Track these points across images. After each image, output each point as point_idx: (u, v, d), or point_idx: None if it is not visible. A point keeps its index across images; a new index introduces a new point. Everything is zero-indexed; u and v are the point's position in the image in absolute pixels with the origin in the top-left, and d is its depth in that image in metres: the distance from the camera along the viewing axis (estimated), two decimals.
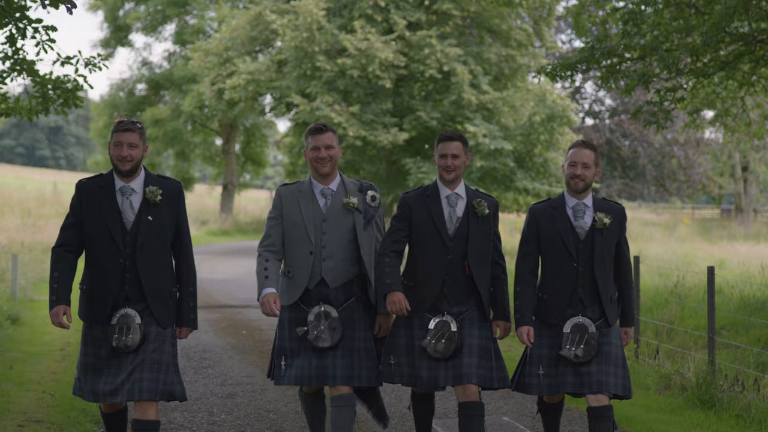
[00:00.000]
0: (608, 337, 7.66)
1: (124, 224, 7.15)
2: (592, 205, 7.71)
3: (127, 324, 7.06)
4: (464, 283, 7.66)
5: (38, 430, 9.24)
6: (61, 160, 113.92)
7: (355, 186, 7.83)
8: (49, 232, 29.99)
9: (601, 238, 7.61)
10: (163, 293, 7.23)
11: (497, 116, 34.69)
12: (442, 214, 7.68)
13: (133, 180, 7.21)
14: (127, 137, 7.14)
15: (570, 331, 7.57)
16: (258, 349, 14.32)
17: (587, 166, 7.64)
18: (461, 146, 7.72)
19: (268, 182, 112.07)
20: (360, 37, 33.62)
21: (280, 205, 7.74)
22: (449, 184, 7.74)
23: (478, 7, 35.15)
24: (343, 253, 7.66)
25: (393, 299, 7.54)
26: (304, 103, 34.23)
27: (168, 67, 52.73)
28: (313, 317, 7.57)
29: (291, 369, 7.64)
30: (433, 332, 7.56)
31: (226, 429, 9.49)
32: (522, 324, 7.66)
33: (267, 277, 7.60)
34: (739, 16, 14.73)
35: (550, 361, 7.66)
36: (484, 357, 7.62)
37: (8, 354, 13.01)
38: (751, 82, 17.49)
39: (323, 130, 7.72)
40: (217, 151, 54.90)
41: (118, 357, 7.13)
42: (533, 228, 7.74)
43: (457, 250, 7.64)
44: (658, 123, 16.60)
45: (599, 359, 7.58)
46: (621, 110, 54.32)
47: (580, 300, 7.62)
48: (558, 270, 7.65)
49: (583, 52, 16.81)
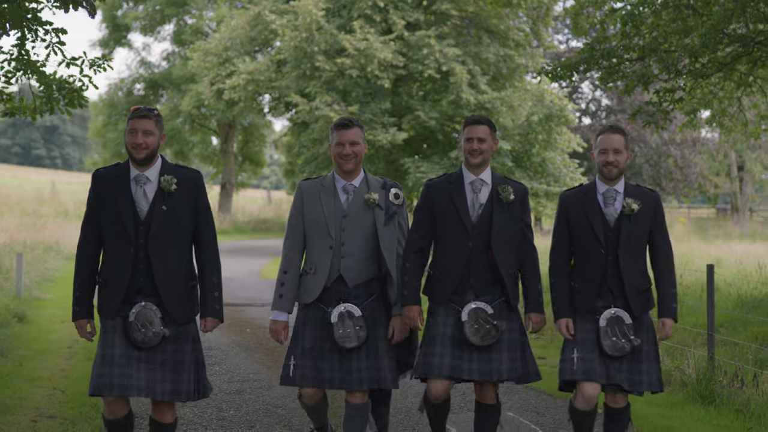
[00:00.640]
0: (636, 331, 7.41)
1: (137, 213, 6.95)
2: (624, 191, 7.45)
3: (148, 318, 6.89)
4: (489, 272, 7.37)
5: (52, 426, 9.41)
6: (57, 160, 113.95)
7: (378, 183, 7.56)
8: (50, 231, 30.14)
9: (629, 225, 7.35)
10: (177, 287, 7.02)
11: (495, 116, 34.87)
12: (465, 200, 7.40)
13: (148, 169, 7.00)
14: (142, 124, 6.94)
15: (606, 324, 7.33)
16: (263, 346, 14.51)
17: (618, 151, 7.40)
18: (488, 130, 7.46)
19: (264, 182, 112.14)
20: (359, 37, 33.80)
21: (301, 201, 7.51)
22: (474, 169, 7.44)
23: (476, 8, 35.35)
24: (363, 252, 7.40)
25: (407, 314, 7.40)
26: (304, 102, 34.40)
27: (166, 67, 52.87)
28: (337, 317, 7.30)
29: (303, 369, 7.39)
30: (471, 323, 7.29)
31: (236, 424, 9.67)
32: (560, 316, 7.48)
33: (281, 296, 7.49)
34: (737, 18, 14.90)
35: (584, 346, 7.38)
36: (512, 350, 7.41)
37: (17, 351, 13.18)
38: (748, 82, 17.66)
39: (349, 126, 7.48)
40: (215, 151, 55.06)
41: (139, 351, 6.95)
42: (563, 216, 7.53)
43: (480, 237, 7.35)
44: (657, 124, 16.82)
45: (629, 356, 7.39)
46: (618, 110, 54.51)
47: (609, 290, 7.39)
48: (587, 258, 7.41)
49: (583, 53, 16.99)
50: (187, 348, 7.10)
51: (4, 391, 10.62)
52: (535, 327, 7.61)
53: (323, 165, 36.36)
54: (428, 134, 36.10)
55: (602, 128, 7.56)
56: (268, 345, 14.60)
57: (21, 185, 53.12)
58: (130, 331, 6.89)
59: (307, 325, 7.46)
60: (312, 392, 7.48)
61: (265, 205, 65.61)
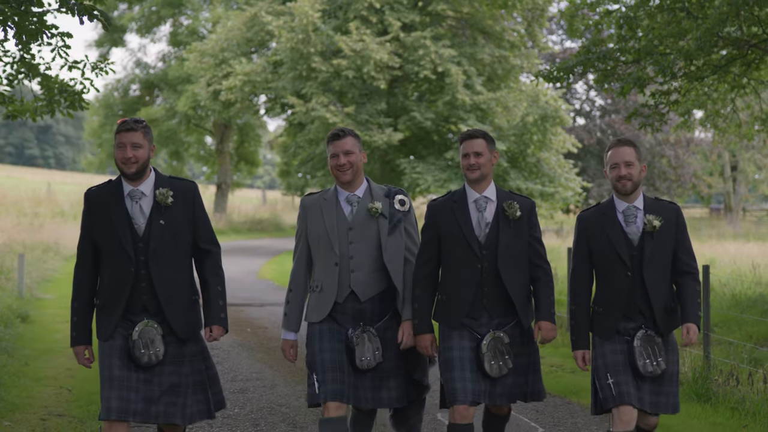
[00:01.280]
0: (668, 354, 7.12)
1: (134, 230, 6.68)
2: (643, 207, 7.13)
3: (150, 337, 6.62)
4: (503, 293, 7.06)
5: (60, 424, 9.58)
6: (50, 160, 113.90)
7: (382, 191, 7.26)
8: (49, 232, 30.28)
9: (652, 242, 7.02)
10: (181, 302, 6.76)
11: (491, 116, 35.08)
12: (470, 220, 7.10)
13: (142, 183, 6.73)
14: (129, 137, 6.65)
15: (641, 344, 6.99)
16: (264, 346, 14.68)
17: (630, 163, 7.09)
18: (484, 143, 7.12)
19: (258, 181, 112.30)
20: (355, 38, 33.97)
21: (305, 218, 7.24)
22: (476, 185, 7.14)
23: (471, 9, 35.55)
24: (372, 263, 7.12)
25: (420, 344, 7.12)
26: (300, 104, 34.57)
27: (162, 68, 53.01)
28: (358, 340, 7.04)
29: (327, 384, 6.98)
30: (489, 356, 7.00)
31: (241, 422, 9.84)
32: (577, 347, 7.17)
33: (286, 315, 7.25)
34: (731, 21, 15.11)
35: (616, 369, 6.99)
36: (519, 373, 7.15)
37: (22, 351, 13.35)
38: (742, 84, 17.88)
39: (340, 136, 7.17)
40: (210, 151, 55.19)
41: (143, 371, 6.67)
42: (583, 238, 7.18)
43: (490, 257, 7.03)
44: (653, 126, 17.05)
45: (653, 378, 7.08)
46: (612, 110, 54.75)
47: (639, 311, 7.06)
48: (612, 280, 7.06)
49: (579, 56, 17.20)
50: (194, 367, 6.86)
51: (12, 390, 10.79)
52: (545, 336, 7.15)
53: (319, 165, 36.55)
54: (424, 135, 36.30)
55: (611, 143, 7.29)
56: (269, 345, 14.78)
57: (17, 185, 53.11)
58: (134, 350, 6.61)
59: (323, 337, 7.10)
60: (335, 405, 6.98)
61: (261, 205, 65.77)
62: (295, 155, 38.38)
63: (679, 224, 7.15)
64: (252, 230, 50.58)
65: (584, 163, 50.82)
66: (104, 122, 51.16)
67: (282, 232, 52.03)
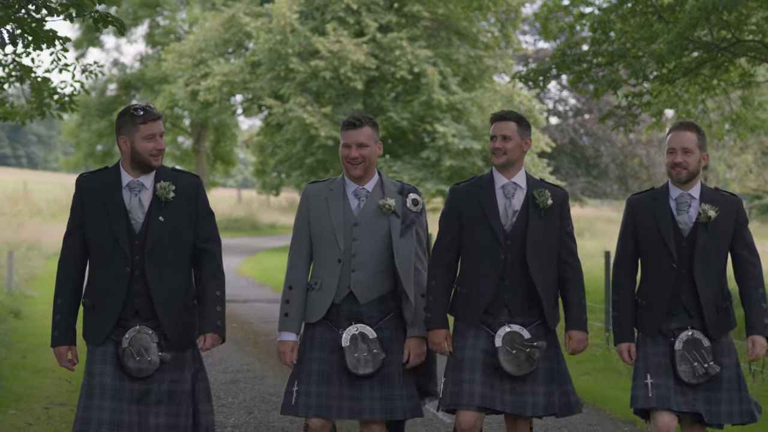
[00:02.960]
0: (715, 354, 6.47)
1: (131, 226, 6.09)
2: (699, 196, 6.52)
3: (143, 344, 6.04)
4: (526, 289, 6.41)
5: (64, 413, 10.00)
6: (22, 159, 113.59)
7: (395, 187, 6.59)
8: (30, 231, 30.51)
9: (706, 234, 6.43)
10: (177, 307, 6.15)
11: (466, 116, 35.54)
12: (496, 206, 6.43)
13: (143, 174, 6.16)
14: (159, 127, 6.13)
15: (683, 348, 6.41)
16: (251, 340, 15.13)
17: (689, 151, 6.45)
18: (516, 127, 6.47)
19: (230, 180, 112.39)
20: (332, 39, 34.37)
21: (307, 206, 6.55)
22: (504, 171, 6.48)
23: (446, 10, 36.03)
24: (376, 264, 6.45)
25: (433, 339, 6.44)
26: (277, 105, 35.00)
27: (139, 68, 53.26)
28: (349, 341, 6.34)
29: (308, 397, 6.35)
30: (507, 349, 6.33)
31: (236, 410, 10.31)
32: (621, 340, 6.57)
33: (287, 315, 6.51)
34: (701, 26, 15.63)
35: (658, 370, 6.43)
36: (549, 381, 6.45)
37: (17, 345, 13.72)
38: (712, 86, 18.42)
39: (356, 125, 6.47)
40: (185, 151, 55.47)
41: (131, 382, 6.08)
42: (630, 224, 6.63)
43: (515, 249, 6.38)
44: (626, 126, 17.63)
45: (706, 385, 6.45)
46: (585, 110, 55.37)
47: (684, 308, 6.49)
48: (657, 272, 6.51)
49: (555, 58, 17.74)
50: (186, 377, 6.22)
51: (13, 381, 11.18)
52: (576, 347, 6.52)
53: (296, 165, 36.95)
54: (400, 134, 36.76)
55: (673, 126, 6.61)
56: (255, 339, 15.24)
57: None
58: (124, 359, 6.02)
59: (313, 346, 6.46)
60: (320, 423, 6.35)
61: (236, 204, 66.08)
62: (273, 155, 38.78)
63: (739, 218, 6.54)
64: (228, 229, 50.87)
65: (557, 162, 51.39)
66: (81, 122, 51.34)
67: (258, 231, 52.40)
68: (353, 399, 6.37)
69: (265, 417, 10.04)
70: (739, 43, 16.14)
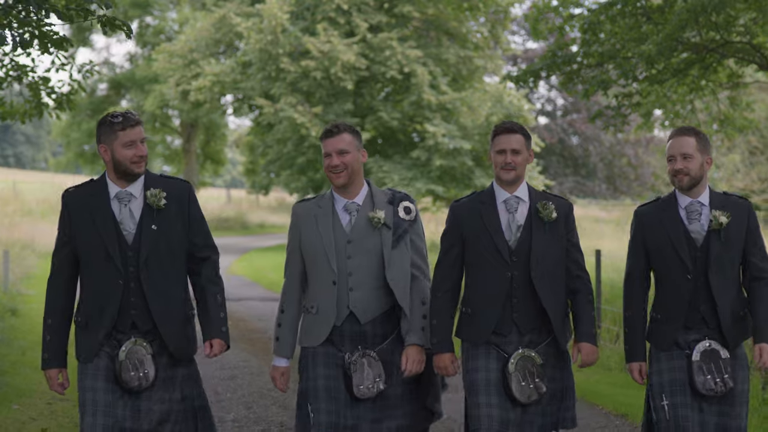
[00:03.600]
0: (736, 370, 6.23)
1: (123, 237, 5.90)
2: (709, 203, 6.26)
3: (139, 358, 5.85)
4: (535, 306, 6.19)
5: (66, 408, 10.19)
6: (10, 159, 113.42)
7: (385, 197, 6.32)
8: (23, 230, 30.58)
9: (719, 242, 6.18)
10: (177, 319, 5.98)
11: (456, 116, 35.77)
12: (499, 222, 6.21)
13: (131, 183, 5.97)
14: (138, 133, 5.91)
15: (701, 359, 6.15)
16: (246, 337, 15.32)
17: (688, 156, 6.19)
18: (523, 140, 6.22)
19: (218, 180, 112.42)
20: (323, 39, 34.57)
21: (298, 228, 6.31)
22: (508, 185, 6.24)
23: (436, 11, 36.26)
24: (374, 281, 6.19)
25: (438, 363, 6.22)
26: (268, 105, 35.18)
27: (129, 68, 53.35)
28: (355, 366, 6.13)
29: (320, 414, 6.11)
30: (519, 378, 6.12)
31: (235, 405, 10.51)
32: (632, 358, 6.35)
33: (278, 339, 6.32)
34: (690, 27, 15.85)
35: (673, 389, 6.19)
36: (552, 401, 6.27)
37: (17, 342, 13.89)
38: (701, 86, 18.64)
39: (334, 132, 6.22)
40: (176, 150, 55.59)
41: (130, 397, 5.90)
42: (639, 236, 6.37)
43: (521, 265, 6.16)
44: (616, 127, 17.87)
45: (721, 398, 6.20)
46: (573, 110, 55.63)
47: (702, 320, 6.21)
48: (671, 284, 6.26)
49: (545, 59, 17.97)
50: (185, 393, 6.07)
51: (15, 377, 11.37)
52: (585, 360, 6.27)
53: (286, 165, 37.12)
54: (390, 134, 36.98)
55: (671, 132, 6.37)
56: (250, 336, 15.44)
57: None
58: (122, 373, 5.82)
59: (317, 364, 6.21)
60: None
61: (226, 204, 66.07)
62: (264, 155, 38.95)
63: (750, 223, 6.28)
64: (218, 228, 50.88)
65: (546, 161, 51.65)
66: (71, 122, 51.41)
67: (248, 231, 52.47)
68: (353, 418, 6.16)
69: (264, 412, 10.24)
70: (727, 45, 16.38)
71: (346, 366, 6.14)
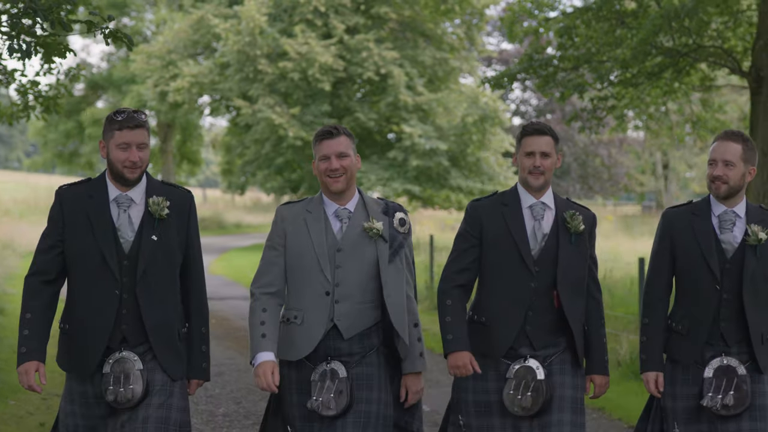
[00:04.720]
0: (762, 384, 5.81)
1: (120, 245, 5.47)
2: (745, 214, 5.86)
3: (125, 371, 5.41)
4: (552, 320, 5.80)
5: None
6: None
7: (378, 206, 5.86)
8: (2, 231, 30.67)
9: (755, 258, 5.76)
10: (171, 334, 5.53)
11: (432, 117, 36.17)
12: (524, 228, 5.80)
13: (132, 188, 5.53)
14: (137, 136, 5.44)
15: (713, 375, 5.74)
16: (231, 335, 15.65)
17: (731, 164, 5.77)
18: (553, 142, 5.83)
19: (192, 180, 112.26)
20: (300, 41, 34.90)
21: (283, 231, 5.77)
22: (535, 191, 5.85)
23: (412, 12, 36.61)
24: (362, 294, 5.70)
25: (456, 362, 5.75)
26: (246, 105, 35.46)
27: (106, 68, 53.37)
28: (318, 376, 5.63)
29: None
30: (514, 383, 5.71)
31: (224, 400, 10.83)
32: (648, 368, 5.88)
33: (264, 336, 5.61)
34: (664, 32, 16.24)
35: (688, 417, 5.83)
36: (577, 412, 5.81)
37: (6, 340, 14.07)
38: (674, 89, 19.05)
39: (333, 134, 5.74)
40: (153, 150, 55.66)
41: (115, 414, 5.47)
42: (666, 239, 5.93)
43: (543, 276, 5.76)
44: (592, 128, 18.29)
45: (752, 414, 5.75)
46: (547, 110, 56.10)
47: (721, 336, 5.80)
48: (696, 294, 5.84)
49: (522, 63, 18.37)
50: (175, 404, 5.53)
51: (9, 375, 11.59)
52: (598, 391, 5.95)
53: (264, 165, 37.38)
54: (366, 135, 37.31)
55: (718, 134, 5.96)
56: (235, 334, 15.76)
57: None
58: (102, 384, 5.43)
59: (291, 391, 5.75)
60: None
61: (202, 203, 66.22)
62: (242, 155, 39.19)
63: None
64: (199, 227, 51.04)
65: None
66: (49, 123, 51.38)
67: (225, 230, 52.65)
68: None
69: (253, 407, 10.55)
70: (699, 49, 16.77)
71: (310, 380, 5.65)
